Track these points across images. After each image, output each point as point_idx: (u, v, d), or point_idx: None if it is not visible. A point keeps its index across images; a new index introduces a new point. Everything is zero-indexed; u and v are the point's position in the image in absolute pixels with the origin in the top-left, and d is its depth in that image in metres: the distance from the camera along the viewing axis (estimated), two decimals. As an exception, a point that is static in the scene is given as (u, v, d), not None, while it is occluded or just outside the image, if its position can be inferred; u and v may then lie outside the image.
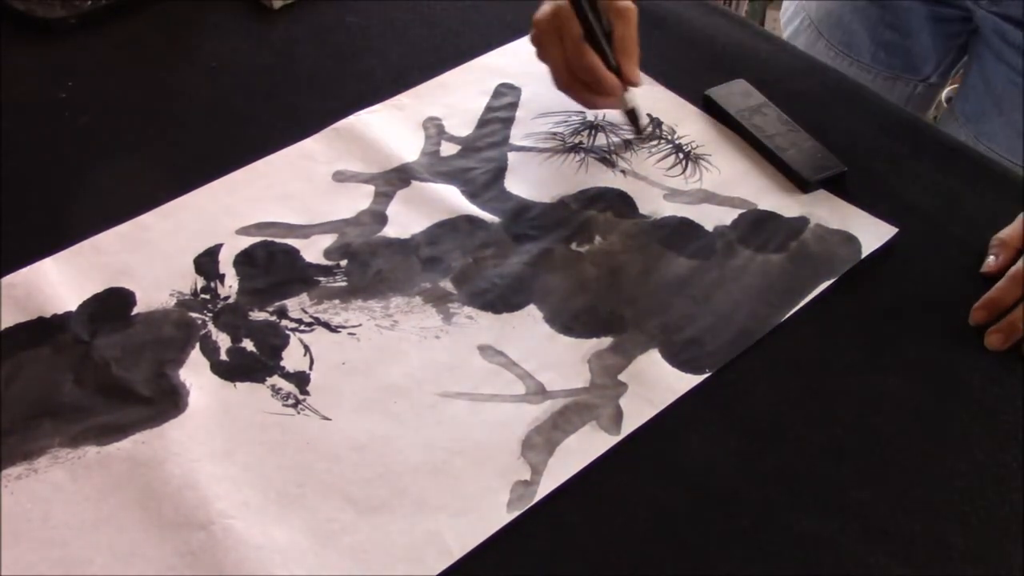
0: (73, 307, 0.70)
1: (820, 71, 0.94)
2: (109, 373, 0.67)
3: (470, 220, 0.78)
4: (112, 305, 0.71)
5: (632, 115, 0.83)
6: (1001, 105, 1.01)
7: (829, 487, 0.62)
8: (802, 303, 0.72)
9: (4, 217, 0.77)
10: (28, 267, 0.73)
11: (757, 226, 0.77)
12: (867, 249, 0.75)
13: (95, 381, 0.66)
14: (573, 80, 0.80)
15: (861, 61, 1.09)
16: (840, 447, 0.64)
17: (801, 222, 0.78)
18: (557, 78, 0.82)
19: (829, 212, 0.78)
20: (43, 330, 0.69)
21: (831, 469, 0.63)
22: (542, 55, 0.82)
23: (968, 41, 1.07)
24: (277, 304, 0.72)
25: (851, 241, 0.76)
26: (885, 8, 1.07)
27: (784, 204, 0.79)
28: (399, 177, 0.81)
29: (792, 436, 0.65)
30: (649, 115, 0.86)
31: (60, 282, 0.72)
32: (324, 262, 0.74)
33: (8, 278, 0.72)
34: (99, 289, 0.72)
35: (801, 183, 0.80)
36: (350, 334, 0.70)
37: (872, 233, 0.77)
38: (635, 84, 0.80)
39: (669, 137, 0.85)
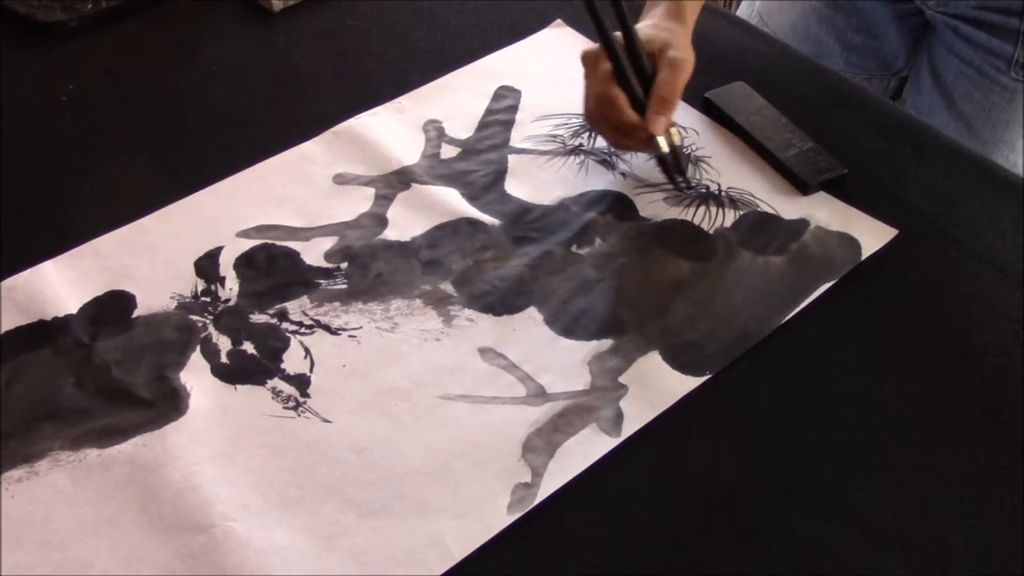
0: (74, 310, 0.70)
1: (820, 73, 0.94)
2: (110, 376, 0.67)
3: (470, 222, 0.78)
4: (113, 308, 0.71)
5: (663, 162, 0.78)
6: (951, 97, 1.02)
7: (829, 489, 0.62)
8: (802, 305, 0.72)
9: (5, 220, 0.77)
10: (29, 270, 0.73)
11: (757, 228, 0.77)
12: (867, 251, 0.75)
13: (96, 384, 0.66)
14: (599, 114, 0.78)
15: (834, 69, 1.10)
16: (840, 449, 0.64)
17: (801, 224, 0.78)
18: (585, 109, 0.80)
19: (829, 214, 0.78)
20: (44, 333, 0.69)
21: (831, 471, 0.63)
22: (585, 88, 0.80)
23: (924, 33, 1.08)
24: (278, 307, 0.72)
25: (851, 243, 0.76)
26: (851, 14, 1.08)
27: (784, 206, 0.79)
28: (399, 180, 0.81)
29: (792, 438, 0.65)
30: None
31: (61, 285, 0.72)
32: (324, 265, 0.74)
33: (9, 281, 0.72)
34: (100, 292, 0.72)
35: (801, 185, 0.80)
36: (350, 336, 0.70)
37: (872, 235, 0.77)
38: (653, 131, 0.75)
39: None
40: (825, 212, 0.79)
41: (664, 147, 0.76)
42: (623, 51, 0.75)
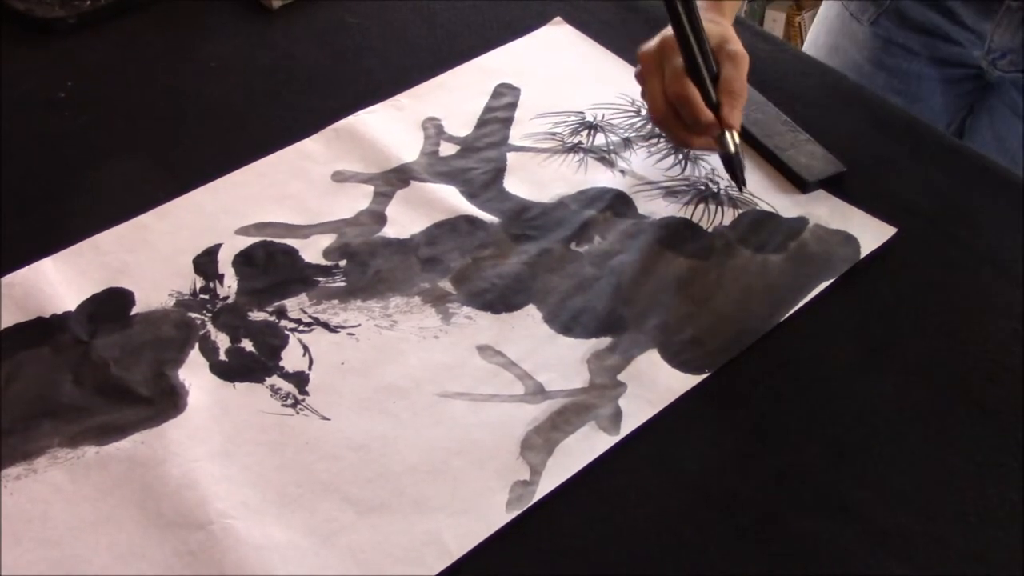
0: (72, 307, 0.70)
1: (819, 72, 0.94)
2: (108, 373, 0.67)
3: (469, 220, 0.78)
4: (111, 305, 0.71)
5: (729, 162, 0.77)
6: (1017, 161, 0.98)
7: (828, 487, 0.62)
8: (801, 303, 0.72)
9: (3, 217, 0.77)
10: (27, 267, 0.73)
11: (756, 226, 0.77)
12: (866, 249, 0.75)
13: (94, 381, 0.66)
14: (670, 113, 0.75)
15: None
16: (839, 447, 0.64)
17: (800, 222, 0.78)
18: (653, 109, 0.77)
19: (828, 212, 0.78)
20: (42, 330, 0.69)
21: (830, 469, 0.63)
22: (643, 87, 0.79)
23: (983, 96, 1.03)
24: (276, 304, 0.71)
25: (850, 241, 0.76)
26: (891, 74, 1.04)
27: (783, 204, 0.79)
28: (398, 177, 0.81)
29: (791, 436, 0.65)
30: None
31: (59, 282, 0.72)
32: (323, 262, 0.74)
33: (7, 278, 0.72)
34: (98, 289, 0.72)
35: (800, 183, 0.80)
36: (349, 334, 0.70)
37: (871, 233, 0.77)
38: (732, 127, 0.75)
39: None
40: (824, 210, 0.79)
41: (731, 145, 0.75)
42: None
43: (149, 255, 0.74)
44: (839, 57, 1.08)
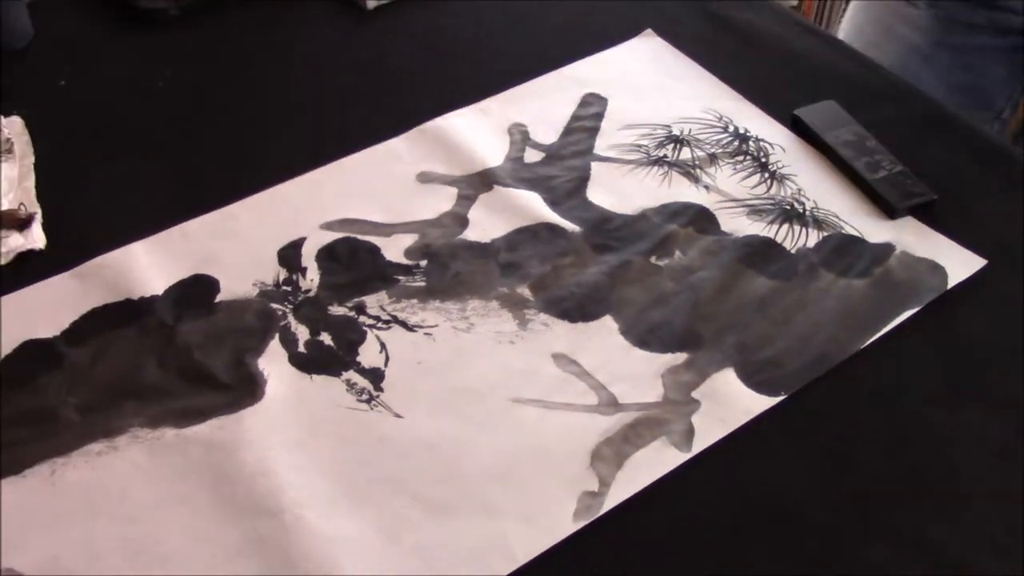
0: (160, 291, 0.72)
1: (912, 96, 0.92)
2: (191, 358, 0.68)
3: (551, 228, 0.78)
4: (197, 291, 0.73)
5: None
6: None
7: (902, 518, 0.61)
8: (884, 331, 0.71)
9: (93, 202, 0.79)
10: (119, 249, 0.75)
11: (841, 250, 0.76)
12: (954, 279, 0.74)
13: (177, 365, 0.68)
14: None
15: None
16: (916, 479, 0.63)
17: (887, 248, 0.76)
18: None
19: (916, 240, 0.77)
20: (130, 311, 0.71)
21: (905, 500, 0.62)
22: None
23: None
24: (356, 300, 0.72)
25: (938, 270, 0.74)
26: (955, 51, 1.04)
27: (870, 229, 0.78)
28: (482, 181, 0.81)
29: (866, 465, 0.64)
30: (736, 128, 0.86)
31: (149, 265, 0.74)
32: (404, 261, 0.75)
33: (100, 259, 0.74)
34: (185, 275, 0.74)
35: (888, 209, 0.79)
36: (426, 334, 0.70)
37: (960, 264, 0.75)
38: None
39: (756, 155, 0.84)
40: (912, 238, 0.77)
41: None
42: None
43: (235, 244, 0.76)
44: (895, 42, 1.08)
